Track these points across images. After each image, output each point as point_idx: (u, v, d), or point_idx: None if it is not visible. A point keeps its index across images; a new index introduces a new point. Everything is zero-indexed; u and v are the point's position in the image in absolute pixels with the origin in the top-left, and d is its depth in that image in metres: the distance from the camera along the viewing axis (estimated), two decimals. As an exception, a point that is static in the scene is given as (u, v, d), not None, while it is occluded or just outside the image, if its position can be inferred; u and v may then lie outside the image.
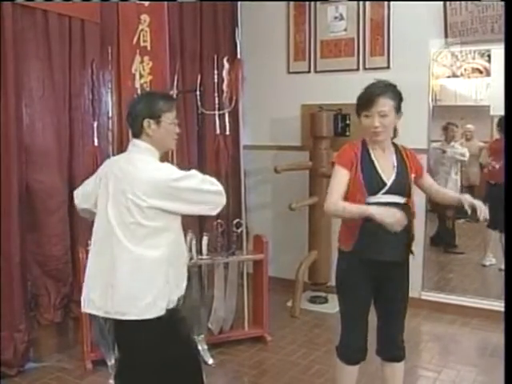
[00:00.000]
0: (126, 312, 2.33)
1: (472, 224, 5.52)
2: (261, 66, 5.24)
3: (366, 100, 2.55)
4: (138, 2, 3.97)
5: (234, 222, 4.00)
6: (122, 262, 2.32)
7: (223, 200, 2.46)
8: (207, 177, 2.43)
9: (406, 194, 2.61)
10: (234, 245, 3.99)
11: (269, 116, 5.29)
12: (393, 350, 2.78)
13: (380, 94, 2.54)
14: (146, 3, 3.97)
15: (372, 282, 2.66)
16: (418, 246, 4.61)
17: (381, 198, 2.56)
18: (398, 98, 2.59)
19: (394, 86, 2.61)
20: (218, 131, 3.98)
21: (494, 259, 5.08)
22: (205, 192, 2.37)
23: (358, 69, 4.84)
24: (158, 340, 2.36)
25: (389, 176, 2.59)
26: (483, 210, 2.56)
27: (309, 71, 5.08)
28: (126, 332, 2.39)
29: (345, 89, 4.78)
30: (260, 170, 5.31)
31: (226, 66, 3.87)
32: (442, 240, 5.44)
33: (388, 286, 2.68)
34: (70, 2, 3.69)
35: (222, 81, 3.89)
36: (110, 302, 2.34)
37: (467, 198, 2.64)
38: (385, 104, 2.53)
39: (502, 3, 4.11)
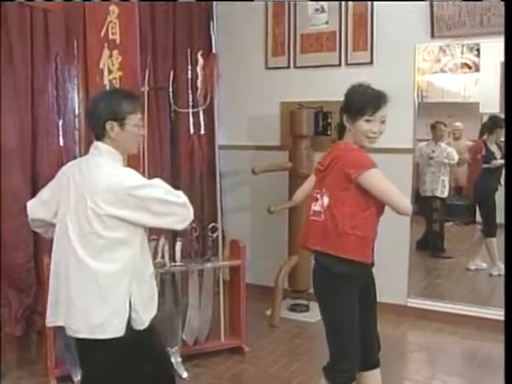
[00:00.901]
0: (77, 329, 2.30)
1: (461, 227, 5.55)
2: (237, 62, 5.23)
3: (373, 104, 2.55)
4: (106, -9, 3.92)
5: (210, 226, 3.97)
6: (77, 275, 2.28)
7: (191, 214, 2.37)
8: (171, 189, 2.36)
9: None
10: (209, 250, 3.96)
11: (246, 114, 5.28)
12: (375, 354, 2.79)
13: (384, 99, 2.58)
14: (115, -7, 3.93)
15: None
16: (404, 250, 4.73)
17: None
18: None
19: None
20: (192, 130, 3.97)
21: (485, 264, 5.10)
22: (171, 203, 2.30)
23: (339, 64, 4.85)
24: (118, 360, 2.31)
25: None
26: None
27: (288, 67, 5.08)
28: (81, 350, 2.37)
29: (326, 85, 4.82)
30: (237, 172, 5.30)
31: (201, 61, 3.85)
32: (429, 244, 5.47)
33: (369, 290, 2.73)
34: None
35: (196, 77, 3.87)
36: (66, 316, 2.31)
37: None
38: (384, 110, 2.58)
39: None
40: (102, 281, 2.26)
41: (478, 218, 5.30)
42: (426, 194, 5.49)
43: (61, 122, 3.64)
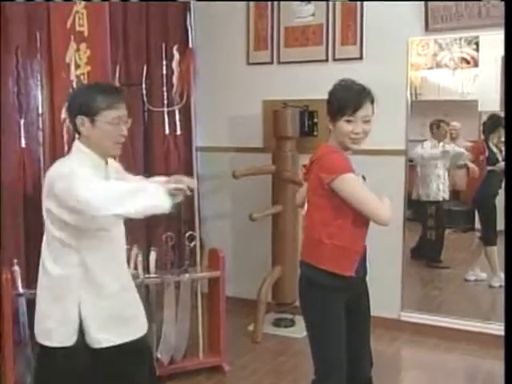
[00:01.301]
0: (36, 333, 2.39)
1: (459, 234, 5.56)
2: (216, 57, 5.22)
3: (354, 103, 2.53)
4: (71, -22, 3.89)
5: (187, 234, 3.97)
6: (40, 278, 2.36)
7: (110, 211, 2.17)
8: (109, 185, 2.26)
9: None
10: (186, 261, 3.96)
11: (226, 113, 5.28)
12: (367, 372, 2.79)
13: (367, 96, 2.55)
14: (82, -20, 3.90)
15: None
16: (396, 259, 4.74)
17: None
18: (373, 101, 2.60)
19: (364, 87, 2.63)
20: (167, 131, 3.98)
21: (485, 274, 5.12)
22: (88, 200, 2.13)
23: (326, 59, 4.86)
24: (64, 374, 2.32)
25: None
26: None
27: (271, 62, 5.08)
28: (36, 356, 2.46)
29: (312, 82, 4.82)
30: (216, 175, 5.29)
31: (177, 56, 3.86)
32: (425, 252, 5.49)
33: (360, 301, 2.74)
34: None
35: (172, 73, 3.89)
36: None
37: None
38: (369, 108, 2.55)
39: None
40: (52, 285, 2.32)
41: (477, 224, 5.33)
42: (422, 198, 5.52)
43: (22, 122, 3.61)
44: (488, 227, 5.07)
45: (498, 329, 4.31)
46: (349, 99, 2.53)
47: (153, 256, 3.76)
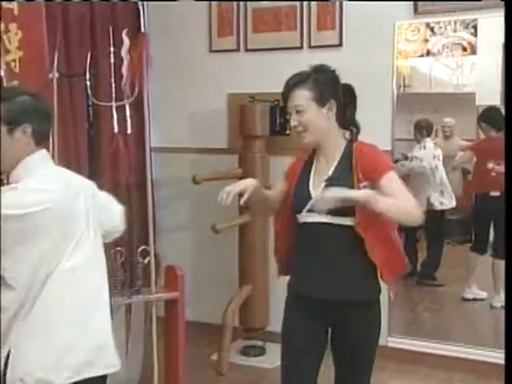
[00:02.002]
0: None
1: (455, 247, 5.59)
2: (173, 43, 5.23)
3: (283, 93, 2.71)
4: None
5: (140, 249, 3.96)
6: None
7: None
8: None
9: (341, 212, 2.57)
10: (138, 280, 3.94)
11: (185, 109, 5.29)
12: None
13: (296, 84, 2.66)
14: None
15: (321, 328, 2.74)
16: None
17: (306, 216, 2.68)
18: (322, 85, 2.66)
19: (323, 71, 2.70)
20: (116, 129, 3.93)
21: (485, 293, 5.15)
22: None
23: (301, 46, 4.89)
24: None
25: (318, 191, 2.66)
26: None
27: (237, 49, 5.11)
28: None
29: (284, 73, 4.70)
30: (174, 180, 5.30)
31: (126, 41, 3.82)
32: (415, 268, 5.52)
33: (343, 332, 2.75)
34: None
35: (121, 61, 3.84)
36: None
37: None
38: (300, 97, 2.64)
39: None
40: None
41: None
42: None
43: None
44: (500, 238, 5.11)
45: (500, 357, 4.31)
46: (283, 89, 2.73)
47: (99, 275, 3.72)
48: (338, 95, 2.69)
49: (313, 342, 2.75)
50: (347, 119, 2.75)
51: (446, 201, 5.55)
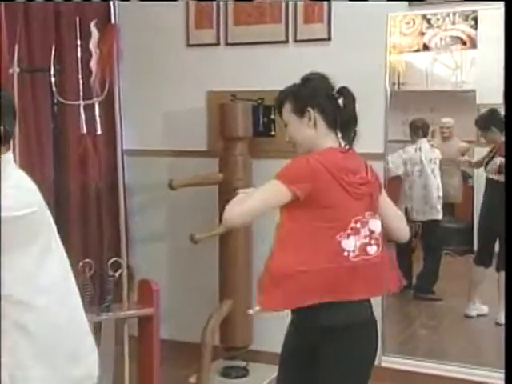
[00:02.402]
0: None
1: (454, 258, 5.59)
2: (147, 36, 5.21)
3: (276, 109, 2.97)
4: None
5: (110, 261, 3.95)
6: None
7: None
8: None
9: None
10: (109, 295, 3.93)
11: (160, 108, 5.27)
12: None
13: (282, 99, 2.87)
14: None
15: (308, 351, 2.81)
16: None
17: None
18: (300, 95, 2.81)
19: (310, 80, 2.83)
20: (84, 129, 3.93)
21: (486, 307, 5.15)
22: None
23: (286, 40, 4.88)
24: None
25: None
26: None
27: (217, 43, 5.09)
28: None
29: (268, 69, 4.85)
30: (149, 186, 5.28)
31: (95, 34, 3.83)
32: (411, 281, 5.51)
33: (320, 359, 2.80)
34: None
35: (90, 56, 3.84)
36: None
37: None
38: (285, 111, 2.86)
39: None
40: None
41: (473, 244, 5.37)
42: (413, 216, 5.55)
43: None
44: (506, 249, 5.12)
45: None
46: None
47: (65, 290, 3.70)
48: (326, 102, 2.80)
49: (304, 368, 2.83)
50: (339, 124, 2.83)
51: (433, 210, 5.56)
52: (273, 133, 4.83)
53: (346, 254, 2.67)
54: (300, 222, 2.69)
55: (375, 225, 2.77)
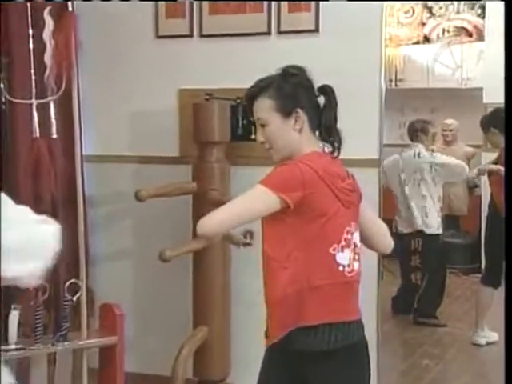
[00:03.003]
0: None
1: (460, 278, 5.59)
2: (110, 26, 5.18)
3: (244, 104, 3.01)
4: None
5: (67, 283, 3.93)
6: None
7: None
8: None
9: None
10: (65, 322, 3.91)
11: (125, 108, 5.24)
12: None
13: (257, 92, 2.83)
14: None
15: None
16: (369, 314, 4.69)
17: None
18: (287, 91, 2.79)
19: (291, 75, 2.82)
20: (37, 133, 3.89)
21: (496, 334, 5.14)
22: None
23: (269, 32, 4.88)
24: None
25: None
26: None
27: (190, 35, 5.07)
28: None
29: (248, 64, 4.84)
30: (113, 197, 5.27)
31: (50, 22, 3.80)
32: (410, 304, 5.50)
33: None
34: None
35: (43, 48, 3.82)
36: None
37: None
38: (263, 108, 2.81)
39: None
40: None
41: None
42: (400, 228, 5.54)
43: None
44: None
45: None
46: (244, 99, 2.97)
47: (14, 318, 3.72)
48: (310, 101, 2.81)
49: None
50: (323, 128, 2.84)
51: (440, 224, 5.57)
52: (253, 136, 4.78)
53: (341, 268, 2.70)
54: (290, 235, 2.70)
55: (358, 238, 2.82)
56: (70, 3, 3.94)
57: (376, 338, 4.71)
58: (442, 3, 4.49)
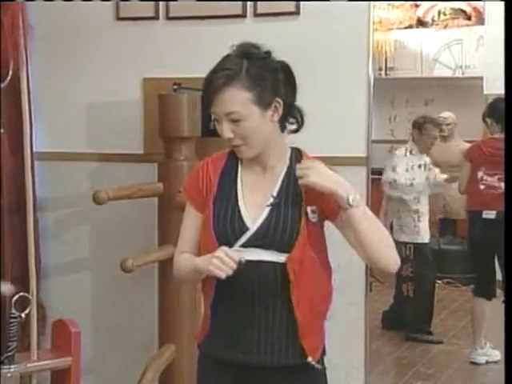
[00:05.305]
0: None
1: (457, 289, 5.59)
2: (64, 8, 5.13)
3: (205, 95, 2.79)
4: None
5: (15, 297, 3.88)
6: None
7: None
8: None
9: (288, 246, 2.72)
10: (12, 342, 3.85)
11: (81, 100, 5.21)
12: None
13: (225, 82, 2.69)
14: None
15: None
16: (356, 331, 4.75)
17: (240, 252, 2.69)
18: (263, 78, 2.70)
19: (256, 55, 2.76)
20: (-20, 127, 3.88)
21: (498, 352, 5.15)
22: None
23: (244, 15, 4.88)
24: None
25: (258, 215, 2.75)
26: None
27: (156, 17, 5.05)
28: None
29: (221, 50, 4.73)
30: (68, 199, 5.24)
31: (-5, 6, 3.80)
32: (402, 318, 5.50)
33: None
34: None
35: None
36: None
37: None
38: (235, 100, 2.67)
39: None
40: None
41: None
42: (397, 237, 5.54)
43: None
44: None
45: None
46: (204, 86, 2.80)
47: (-47, 337, 3.71)
48: (284, 88, 2.74)
49: None
50: (286, 106, 2.77)
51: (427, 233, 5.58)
52: (225, 131, 4.79)
53: None
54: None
55: None
56: (17, -19, 3.95)
57: (364, 358, 4.72)
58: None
